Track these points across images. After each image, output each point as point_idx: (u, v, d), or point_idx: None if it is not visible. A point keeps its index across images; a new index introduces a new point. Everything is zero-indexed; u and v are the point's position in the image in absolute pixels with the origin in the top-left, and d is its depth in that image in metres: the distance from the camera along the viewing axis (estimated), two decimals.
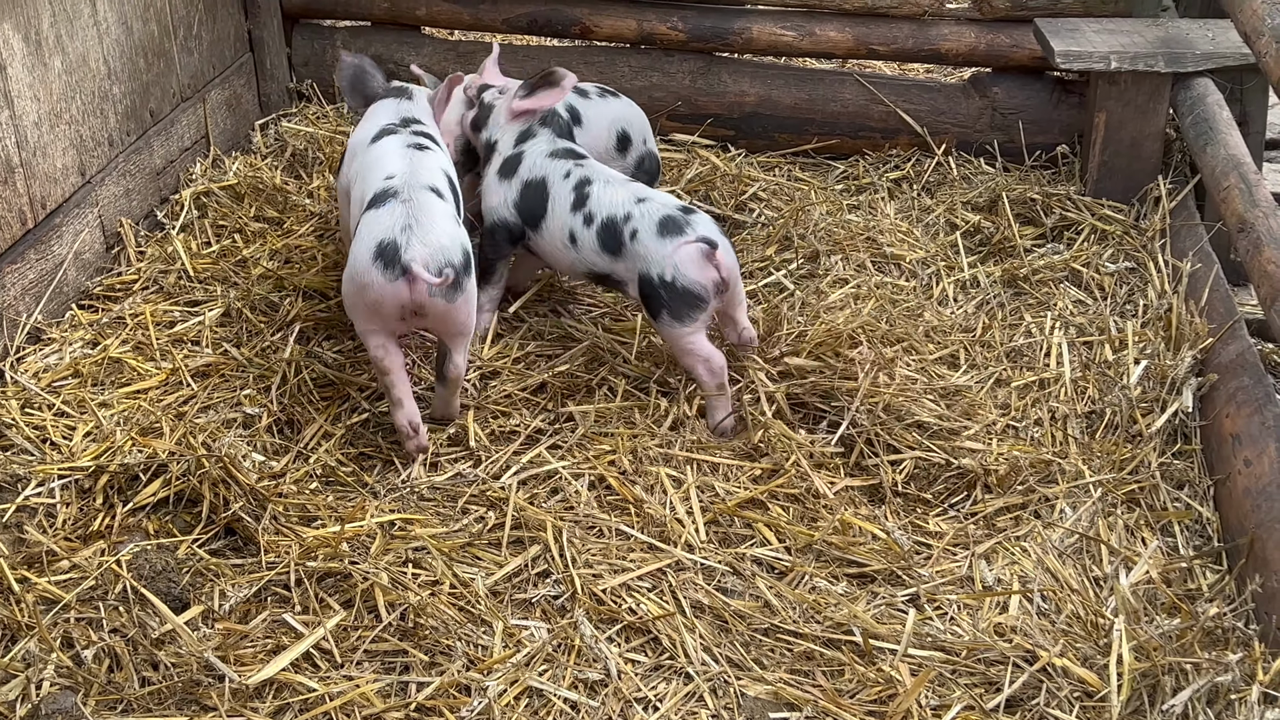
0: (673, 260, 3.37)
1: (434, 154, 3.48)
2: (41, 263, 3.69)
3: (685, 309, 3.37)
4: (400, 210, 3.18)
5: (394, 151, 3.43)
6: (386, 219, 3.18)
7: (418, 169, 3.35)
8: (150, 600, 2.77)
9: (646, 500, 3.14)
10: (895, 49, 4.85)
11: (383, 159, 3.40)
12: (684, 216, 3.42)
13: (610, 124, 4.16)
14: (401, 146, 3.45)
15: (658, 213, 3.44)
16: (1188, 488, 3.27)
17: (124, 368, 3.57)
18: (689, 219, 3.42)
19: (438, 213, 3.23)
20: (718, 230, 3.45)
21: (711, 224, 3.45)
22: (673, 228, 3.40)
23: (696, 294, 3.36)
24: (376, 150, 3.47)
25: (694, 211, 3.47)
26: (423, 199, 3.23)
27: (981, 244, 4.32)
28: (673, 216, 3.42)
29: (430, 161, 3.42)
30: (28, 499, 3.07)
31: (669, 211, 3.44)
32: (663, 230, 3.40)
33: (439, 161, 3.47)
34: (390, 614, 2.78)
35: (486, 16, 4.94)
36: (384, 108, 3.70)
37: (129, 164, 4.14)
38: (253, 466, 3.17)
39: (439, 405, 3.42)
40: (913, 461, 3.29)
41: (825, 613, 2.84)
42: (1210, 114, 4.09)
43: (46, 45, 3.68)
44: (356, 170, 3.48)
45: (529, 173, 3.67)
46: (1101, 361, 3.68)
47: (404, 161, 3.37)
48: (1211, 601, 2.86)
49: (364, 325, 3.24)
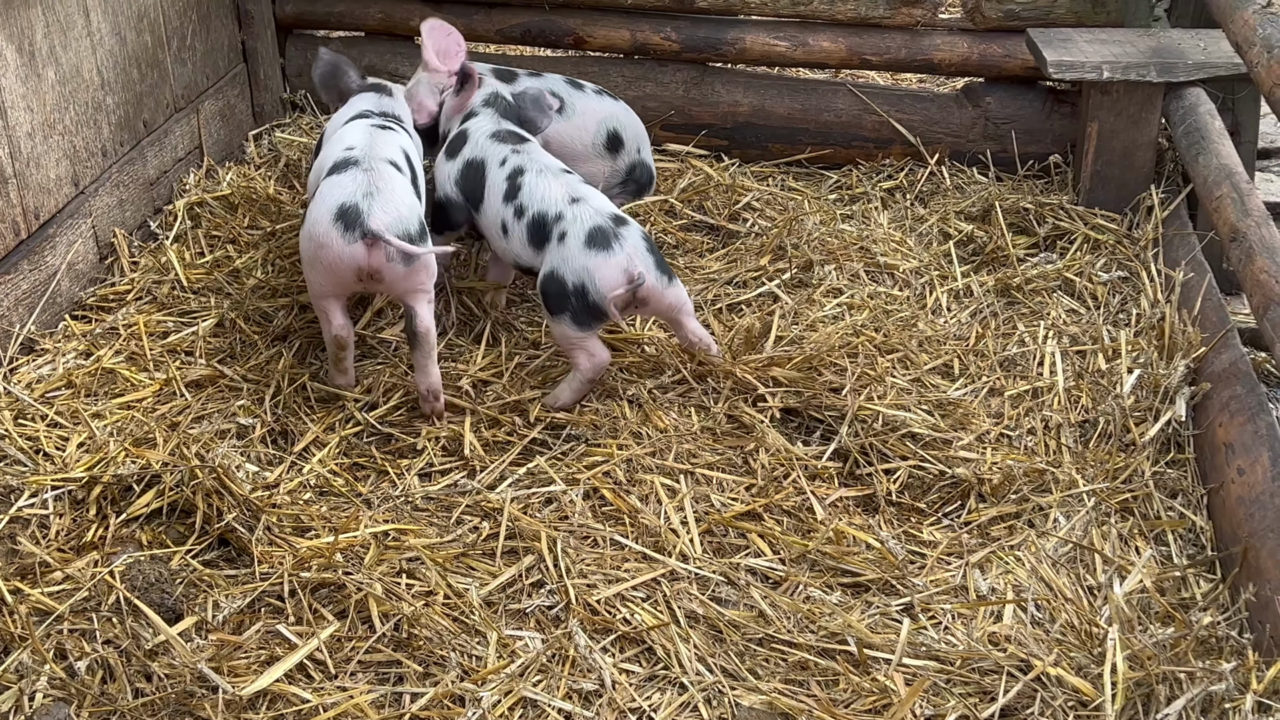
0: (592, 275, 3.38)
1: (396, 134, 3.62)
2: (35, 273, 3.68)
3: (589, 319, 3.41)
4: (362, 178, 3.31)
5: (357, 130, 3.57)
6: (349, 184, 3.30)
7: (376, 143, 3.48)
8: (144, 611, 2.76)
9: (641, 510, 3.14)
10: (888, 59, 4.86)
11: (345, 136, 3.54)
12: (614, 229, 3.42)
13: (600, 121, 4.20)
14: (365, 127, 3.59)
15: (590, 220, 3.43)
16: (1181, 496, 3.27)
17: (117, 378, 3.57)
18: (619, 233, 3.41)
19: (397, 183, 3.36)
20: (644, 248, 3.42)
21: (640, 241, 3.43)
22: (601, 241, 3.39)
23: (604, 309, 3.38)
24: (341, 131, 3.60)
25: (626, 223, 3.46)
26: (382, 169, 3.36)
27: (975, 253, 4.33)
28: (603, 228, 3.41)
29: (391, 138, 3.56)
30: (21, 510, 3.06)
31: (600, 221, 3.43)
32: (591, 242, 3.40)
33: (400, 140, 3.60)
34: (384, 624, 2.77)
35: (480, 26, 4.95)
36: (363, 100, 3.82)
37: (123, 174, 4.14)
38: (246, 477, 3.17)
39: (419, 375, 3.42)
40: (906, 471, 3.30)
41: (820, 622, 2.84)
42: (1202, 124, 4.10)
43: (40, 56, 3.68)
44: (323, 151, 3.60)
45: (471, 152, 3.75)
46: (1095, 370, 3.69)
47: (365, 136, 3.51)
48: (1205, 610, 2.86)
49: (320, 288, 3.34)
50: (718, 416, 3.45)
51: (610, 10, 4.90)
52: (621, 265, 3.36)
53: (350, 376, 3.53)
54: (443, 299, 3.87)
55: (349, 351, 3.48)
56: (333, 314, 3.39)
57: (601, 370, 3.47)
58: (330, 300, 3.38)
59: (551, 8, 4.90)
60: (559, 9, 4.90)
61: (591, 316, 3.40)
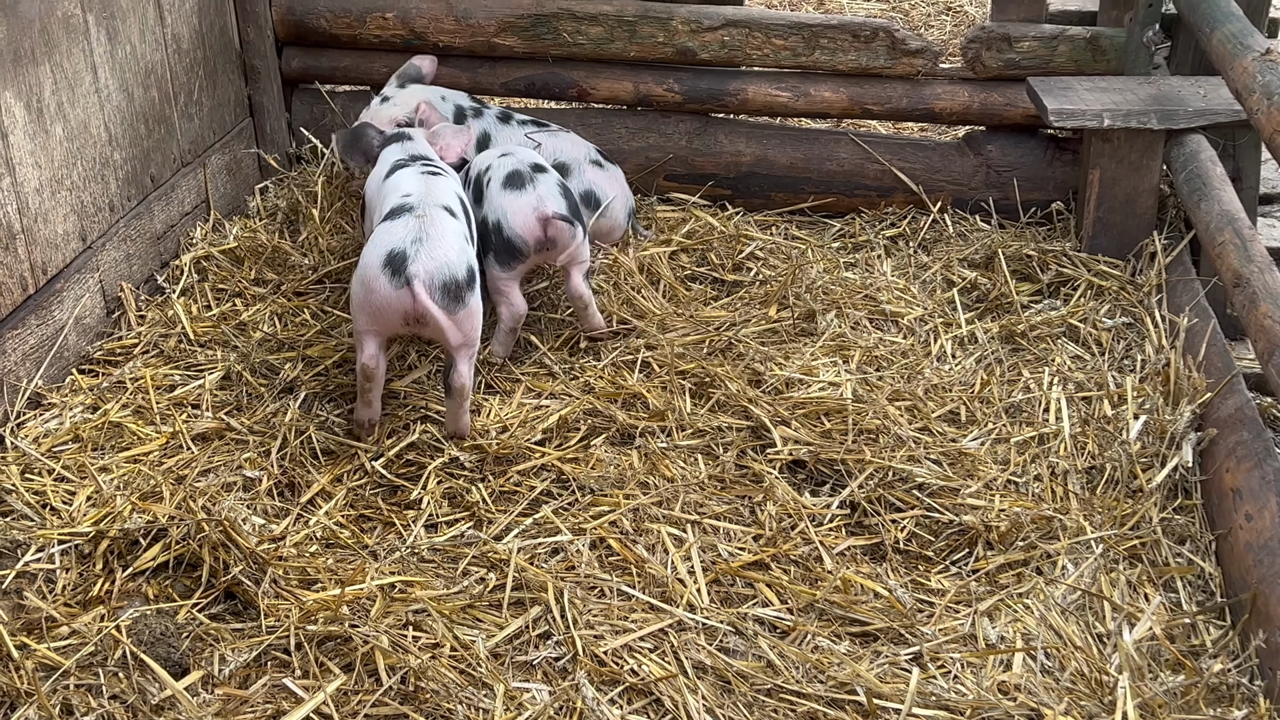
0: (505, 210, 3.79)
1: (446, 178, 3.79)
2: (42, 328, 3.70)
3: (506, 256, 3.79)
4: (414, 224, 3.43)
5: (410, 177, 3.72)
6: (400, 230, 3.41)
7: (432, 189, 3.62)
8: (150, 666, 2.75)
9: (648, 560, 3.14)
10: (889, 108, 4.89)
11: (400, 184, 3.68)
12: (531, 174, 3.84)
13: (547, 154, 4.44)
14: (417, 173, 3.75)
15: (510, 166, 3.87)
16: (1189, 543, 3.27)
17: (124, 432, 3.57)
18: (535, 178, 3.83)
19: (449, 229, 3.46)
20: (557, 192, 3.82)
21: (554, 187, 3.83)
22: (516, 182, 3.82)
23: (517, 246, 3.78)
24: (393, 180, 3.74)
25: (546, 171, 3.88)
26: (436, 215, 3.47)
27: (978, 300, 4.34)
28: (520, 172, 3.85)
29: (444, 184, 3.71)
30: (27, 564, 3.06)
31: (519, 167, 3.87)
32: (508, 182, 3.83)
33: (451, 185, 3.75)
34: (391, 677, 2.76)
35: (485, 80, 4.99)
36: (391, 152, 3.96)
37: (130, 229, 4.16)
38: (252, 530, 3.17)
39: (450, 420, 3.56)
40: (914, 519, 3.29)
41: (829, 672, 2.82)
42: (1203, 170, 4.12)
43: (48, 113, 3.71)
44: (375, 205, 3.77)
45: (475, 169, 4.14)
46: (1100, 417, 3.69)
47: (420, 183, 3.66)
48: (1215, 658, 2.85)
49: (365, 327, 3.42)
50: (726, 466, 3.45)
51: (613, 63, 4.94)
52: (532, 204, 3.77)
53: (374, 410, 3.56)
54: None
55: (376, 385, 3.50)
56: (366, 345, 3.45)
57: (519, 319, 3.86)
58: (369, 335, 3.44)
59: (555, 60, 4.94)
60: (562, 62, 4.94)
61: (507, 253, 3.79)
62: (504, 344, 3.89)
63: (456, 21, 4.88)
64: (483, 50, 4.93)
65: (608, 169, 4.57)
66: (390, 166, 3.83)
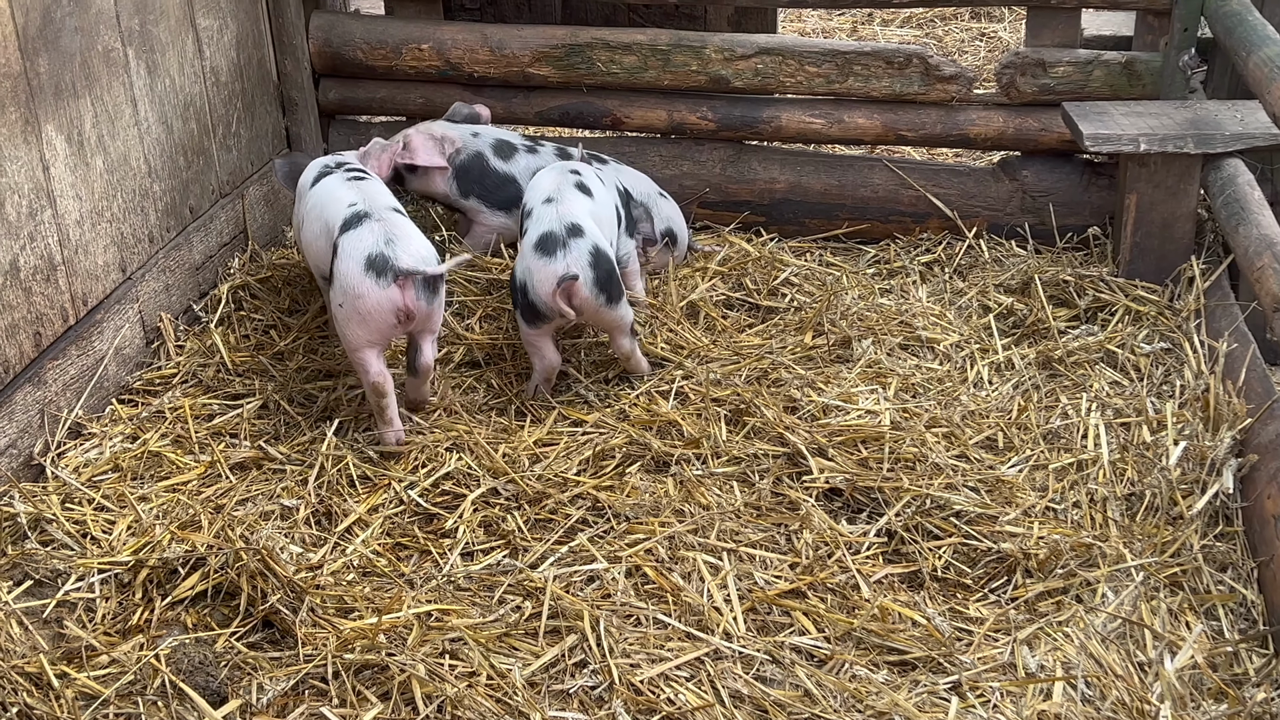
0: (531, 272, 3.71)
1: (373, 181, 3.93)
2: (82, 359, 3.74)
3: (531, 316, 3.74)
4: (378, 228, 3.56)
5: (340, 185, 3.84)
6: (368, 236, 3.54)
7: (371, 194, 3.75)
8: (189, 695, 2.77)
9: (684, 588, 3.13)
10: (923, 134, 4.89)
11: (334, 192, 3.81)
12: (565, 239, 3.71)
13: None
14: (343, 180, 3.87)
15: (548, 224, 3.75)
16: (1231, 570, 3.23)
17: (163, 461, 3.60)
18: (569, 243, 3.69)
19: (409, 228, 3.62)
20: (587, 262, 3.68)
21: (585, 254, 3.69)
22: (547, 248, 3.70)
23: (540, 311, 3.71)
24: (321, 188, 3.89)
25: (581, 235, 3.72)
26: (392, 218, 3.62)
27: (1015, 326, 4.32)
28: (554, 235, 3.72)
29: (377, 186, 3.87)
30: (68, 594, 3.09)
31: (554, 229, 3.73)
32: (539, 247, 3.72)
33: (380, 187, 3.90)
34: (427, 706, 2.76)
35: (519, 109, 5.02)
36: (315, 164, 4.13)
37: (169, 260, 4.20)
38: (290, 558, 3.19)
39: (410, 393, 3.76)
40: (952, 547, 3.27)
41: (866, 701, 2.81)
42: (1241, 194, 4.10)
43: (89, 145, 3.76)
44: (305, 211, 3.92)
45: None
46: (1140, 443, 3.66)
47: (355, 191, 3.77)
48: (1259, 686, 2.82)
49: (360, 341, 3.53)
50: (762, 493, 3.44)
51: (647, 91, 4.96)
52: (557, 273, 3.65)
53: (397, 427, 3.63)
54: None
55: (390, 399, 3.57)
56: (369, 363, 3.54)
57: (550, 373, 3.85)
58: (366, 350, 3.53)
59: (589, 90, 4.97)
60: (596, 91, 4.97)
61: (532, 313, 3.74)
62: (537, 390, 3.89)
63: (491, 52, 4.92)
64: (517, 80, 4.96)
65: (668, 198, 4.60)
66: (316, 174, 3.99)
